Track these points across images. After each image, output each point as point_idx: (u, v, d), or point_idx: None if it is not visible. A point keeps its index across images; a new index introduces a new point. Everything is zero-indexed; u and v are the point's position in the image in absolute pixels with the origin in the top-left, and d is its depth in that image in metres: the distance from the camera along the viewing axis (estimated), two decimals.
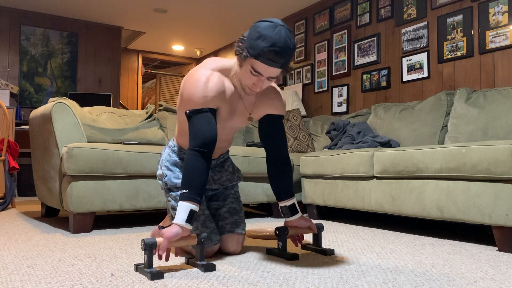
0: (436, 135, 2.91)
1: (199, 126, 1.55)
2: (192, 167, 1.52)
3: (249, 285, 1.34)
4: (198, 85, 1.56)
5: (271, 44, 1.45)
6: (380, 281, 1.39)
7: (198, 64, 8.18)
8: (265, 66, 1.49)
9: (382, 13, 4.15)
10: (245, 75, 1.55)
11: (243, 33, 1.57)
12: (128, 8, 5.35)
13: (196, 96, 1.55)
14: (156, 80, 7.86)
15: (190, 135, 1.57)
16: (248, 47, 1.49)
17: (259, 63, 1.49)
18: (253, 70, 1.51)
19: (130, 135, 3.08)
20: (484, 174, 1.95)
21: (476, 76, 3.35)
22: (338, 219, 3.13)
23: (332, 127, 3.44)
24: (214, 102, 1.59)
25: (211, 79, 1.58)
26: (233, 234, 1.79)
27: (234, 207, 1.86)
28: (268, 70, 1.51)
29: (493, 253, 1.89)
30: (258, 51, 1.47)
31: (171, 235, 1.46)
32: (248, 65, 1.52)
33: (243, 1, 5.04)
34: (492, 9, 3.23)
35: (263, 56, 1.47)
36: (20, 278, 1.40)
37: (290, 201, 1.76)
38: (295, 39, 1.48)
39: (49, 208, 3.08)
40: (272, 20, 1.50)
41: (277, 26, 1.48)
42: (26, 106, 5.39)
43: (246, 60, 1.52)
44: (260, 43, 1.46)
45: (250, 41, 1.49)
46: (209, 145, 1.56)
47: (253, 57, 1.48)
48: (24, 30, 5.44)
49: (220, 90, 1.60)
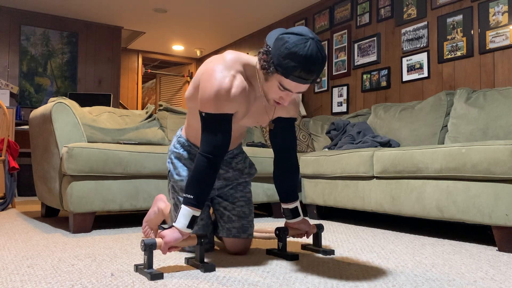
0: (436, 135, 2.91)
1: (213, 131, 1.50)
2: (200, 174, 1.49)
3: (249, 285, 1.34)
4: (219, 89, 1.46)
5: (303, 64, 1.35)
6: (380, 281, 1.39)
7: (198, 64, 8.11)
8: (295, 84, 1.40)
9: (382, 13, 4.15)
10: (272, 89, 1.46)
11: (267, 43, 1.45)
12: (128, 8, 5.35)
13: (215, 100, 1.47)
14: (156, 80, 7.86)
15: (203, 139, 1.52)
16: (276, 64, 1.39)
17: (289, 81, 1.40)
18: (282, 86, 1.42)
19: (130, 135, 3.07)
20: (484, 174, 1.95)
21: (476, 76, 3.35)
22: (338, 219, 3.13)
23: (332, 127, 3.44)
24: (234, 107, 1.52)
25: (234, 85, 1.49)
26: (240, 239, 1.77)
27: (244, 211, 1.81)
28: (298, 86, 1.42)
29: (493, 253, 1.89)
30: (288, 70, 1.37)
31: (171, 240, 1.47)
32: (275, 80, 1.42)
33: (243, 1, 5.04)
34: (492, 9, 3.23)
35: (294, 75, 1.37)
36: (20, 278, 1.40)
37: (293, 204, 1.74)
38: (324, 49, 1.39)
39: (49, 208, 3.08)
40: (302, 33, 1.38)
41: (308, 40, 1.36)
42: (26, 106, 5.39)
43: (272, 76, 1.42)
44: (290, 62, 1.35)
45: (278, 57, 1.38)
46: (221, 152, 1.52)
47: (282, 75, 1.39)
48: (24, 30, 5.44)
49: (242, 96, 1.52)
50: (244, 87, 1.52)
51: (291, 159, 1.71)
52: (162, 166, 2.61)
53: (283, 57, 1.36)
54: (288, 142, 1.70)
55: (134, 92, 7.10)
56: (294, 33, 1.38)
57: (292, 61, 1.35)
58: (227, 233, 1.78)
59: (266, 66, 1.42)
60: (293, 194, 1.73)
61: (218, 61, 1.53)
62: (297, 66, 1.35)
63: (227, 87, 1.47)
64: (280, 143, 1.70)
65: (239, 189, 1.85)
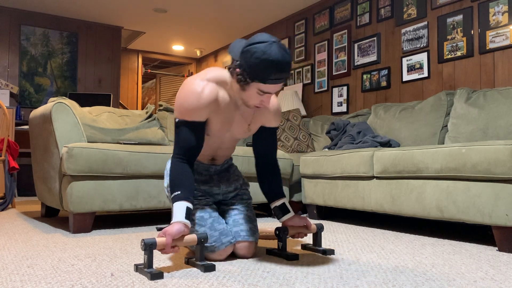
0: (436, 135, 2.91)
1: (186, 136, 1.61)
2: (179, 171, 1.60)
3: (249, 285, 1.34)
4: (190, 96, 1.58)
5: (275, 67, 1.48)
6: (380, 281, 1.39)
7: (198, 64, 8.13)
8: (273, 86, 1.54)
9: (382, 13, 4.15)
10: (251, 96, 1.58)
11: (233, 58, 1.57)
12: (128, 8, 5.35)
13: (187, 106, 1.58)
14: (156, 80, 7.86)
15: (175, 143, 1.63)
16: (252, 75, 1.51)
17: (267, 85, 1.53)
18: (261, 91, 1.55)
19: (130, 135, 3.07)
20: (484, 174, 1.95)
21: (476, 76, 3.35)
22: (338, 219, 3.13)
23: (332, 127, 3.44)
24: (205, 113, 1.61)
25: (204, 91, 1.59)
26: (248, 242, 1.75)
27: (249, 216, 1.82)
28: (276, 87, 1.55)
29: (493, 253, 1.89)
30: (263, 75, 1.50)
31: (174, 232, 1.48)
32: (254, 88, 1.55)
33: (243, 1, 5.04)
34: (492, 9, 3.23)
35: (270, 78, 1.50)
36: (20, 278, 1.40)
37: (280, 201, 1.79)
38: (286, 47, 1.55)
39: (49, 208, 3.08)
40: (264, 40, 1.50)
41: (271, 44, 1.49)
42: (26, 106, 5.40)
43: (250, 85, 1.54)
44: (264, 69, 1.48)
45: (251, 68, 1.50)
46: (193, 155, 1.63)
47: (261, 82, 1.51)
48: (24, 30, 5.44)
49: (212, 101, 1.61)
50: (214, 94, 1.61)
51: (272, 161, 1.83)
52: (162, 166, 2.61)
53: (257, 66, 1.49)
54: (269, 147, 1.82)
55: (134, 92, 7.10)
56: (257, 42, 1.50)
57: (265, 68, 1.48)
58: (235, 236, 1.74)
59: (242, 79, 1.54)
60: (278, 192, 1.81)
61: (196, 75, 1.67)
62: (271, 70, 1.48)
63: (197, 93, 1.58)
64: (261, 148, 1.82)
65: (239, 196, 1.90)
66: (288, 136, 3.84)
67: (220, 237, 1.66)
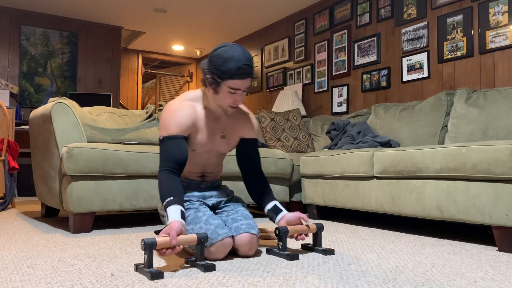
0: (436, 135, 2.91)
1: (171, 149, 1.70)
2: (168, 181, 1.66)
3: (249, 285, 1.34)
4: (171, 114, 1.74)
5: (237, 60, 1.65)
6: (380, 281, 1.39)
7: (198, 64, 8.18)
8: (240, 81, 1.69)
9: (382, 13, 4.15)
10: (224, 97, 1.73)
11: (204, 69, 1.74)
12: (128, 8, 5.35)
13: (169, 123, 1.73)
14: (156, 80, 7.86)
15: (161, 158, 1.71)
16: (220, 74, 1.67)
17: (235, 81, 1.68)
18: (231, 89, 1.70)
19: (130, 135, 3.07)
20: (484, 174, 1.95)
21: (476, 76, 3.35)
22: (338, 219, 3.13)
23: (332, 127, 3.44)
24: (186, 127, 1.75)
25: (182, 108, 1.76)
26: (250, 233, 1.74)
27: (246, 214, 1.85)
28: (244, 83, 1.70)
29: (493, 253, 1.89)
30: (231, 72, 1.66)
31: (175, 227, 1.50)
32: (224, 87, 1.70)
33: (243, 1, 5.04)
34: (492, 9, 3.23)
35: (237, 74, 1.66)
36: (20, 278, 1.40)
37: (271, 204, 1.85)
38: None
39: (49, 208, 3.08)
40: (223, 44, 1.71)
41: (231, 46, 1.68)
42: (26, 106, 5.40)
43: (221, 85, 1.70)
44: (228, 65, 1.65)
45: (218, 69, 1.67)
46: (178, 166, 1.71)
47: (229, 78, 1.67)
48: (24, 30, 5.44)
49: (191, 116, 1.77)
50: (192, 109, 1.79)
51: (257, 170, 1.93)
52: None
53: (222, 65, 1.66)
54: (253, 159, 1.93)
55: (134, 92, 7.10)
56: (219, 47, 1.71)
57: (230, 64, 1.65)
58: (236, 231, 1.74)
59: (213, 81, 1.70)
60: (268, 195, 1.88)
61: (176, 98, 1.85)
62: (235, 65, 1.65)
63: (177, 111, 1.75)
64: (245, 160, 1.92)
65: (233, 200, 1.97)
66: (288, 136, 3.84)
67: (216, 229, 1.67)
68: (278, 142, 3.76)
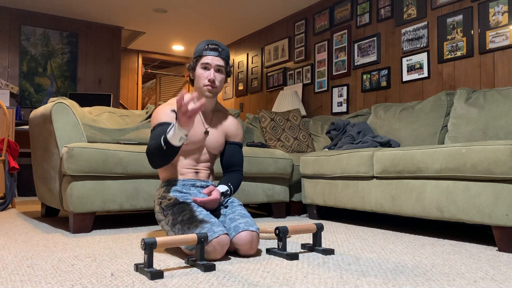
0: (436, 135, 2.91)
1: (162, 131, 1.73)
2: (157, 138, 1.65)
3: (249, 285, 1.34)
4: (159, 110, 1.90)
5: (207, 42, 1.91)
6: (380, 281, 1.39)
7: None
8: (209, 57, 1.88)
9: (382, 13, 4.15)
10: (200, 78, 1.90)
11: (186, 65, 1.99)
12: (128, 8, 5.35)
13: (158, 116, 1.87)
14: (156, 80, 7.86)
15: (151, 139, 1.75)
16: (194, 57, 1.92)
17: (204, 57, 1.89)
18: (203, 65, 1.88)
19: (130, 135, 3.07)
20: (484, 174, 1.95)
21: (476, 76, 3.35)
22: (338, 219, 3.13)
23: (332, 127, 3.44)
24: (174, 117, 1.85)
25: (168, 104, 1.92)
26: (250, 231, 1.74)
27: (243, 213, 1.86)
28: (213, 59, 1.88)
29: (493, 253, 1.89)
30: (200, 50, 1.90)
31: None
32: (198, 69, 1.90)
33: (243, 1, 5.04)
34: (492, 9, 3.23)
35: (205, 50, 1.89)
36: (20, 278, 1.40)
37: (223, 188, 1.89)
38: None
39: (49, 208, 3.08)
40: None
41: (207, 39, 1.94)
42: (26, 106, 5.39)
43: (196, 66, 1.91)
44: (199, 46, 1.92)
45: (193, 55, 1.94)
46: None
47: (198, 56, 1.90)
48: (24, 30, 5.44)
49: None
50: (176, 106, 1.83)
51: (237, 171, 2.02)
52: None
53: (196, 49, 1.93)
54: (235, 159, 2.02)
55: (134, 92, 7.10)
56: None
57: (199, 45, 1.92)
58: (235, 230, 1.75)
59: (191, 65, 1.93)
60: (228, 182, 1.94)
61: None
62: (203, 43, 1.91)
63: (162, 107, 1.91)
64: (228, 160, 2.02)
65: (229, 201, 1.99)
66: (288, 136, 3.84)
67: (212, 227, 1.66)
68: (278, 142, 3.76)
